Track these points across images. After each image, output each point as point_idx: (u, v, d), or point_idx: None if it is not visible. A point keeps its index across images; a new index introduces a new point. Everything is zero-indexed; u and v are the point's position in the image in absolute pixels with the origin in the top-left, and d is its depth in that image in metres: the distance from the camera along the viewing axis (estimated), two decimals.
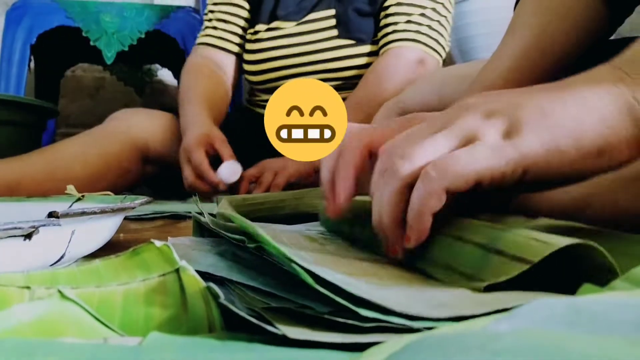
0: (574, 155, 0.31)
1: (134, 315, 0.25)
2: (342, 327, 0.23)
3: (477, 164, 0.31)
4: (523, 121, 0.32)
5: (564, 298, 0.19)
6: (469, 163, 0.31)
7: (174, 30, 1.73)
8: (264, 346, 0.22)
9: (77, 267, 0.29)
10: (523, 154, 0.31)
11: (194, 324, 0.24)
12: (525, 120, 0.32)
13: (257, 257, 0.36)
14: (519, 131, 0.32)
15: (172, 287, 0.25)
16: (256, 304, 0.26)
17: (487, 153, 0.31)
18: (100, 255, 0.33)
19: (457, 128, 0.33)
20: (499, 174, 0.31)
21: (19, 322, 0.22)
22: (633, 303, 0.18)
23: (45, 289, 0.25)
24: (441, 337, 0.17)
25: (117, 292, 0.26)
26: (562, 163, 0.32)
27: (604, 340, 0.15)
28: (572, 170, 0.32)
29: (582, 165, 0.32)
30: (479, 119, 0.33)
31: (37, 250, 0.39)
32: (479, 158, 0.31)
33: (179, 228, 0.73)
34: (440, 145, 0.33)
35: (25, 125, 1.33)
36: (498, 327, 0.18)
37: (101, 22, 1.66)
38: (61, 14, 1.63)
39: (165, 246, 0.28)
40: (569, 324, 0.18)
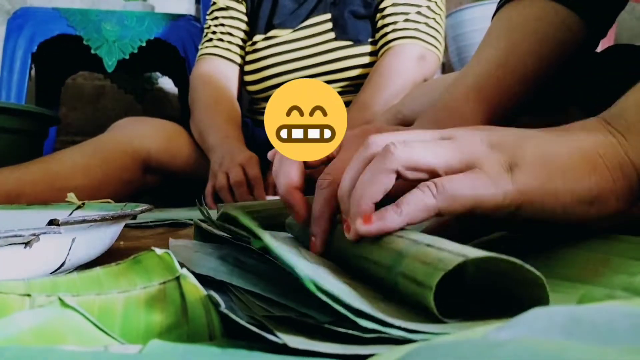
0: (568, 199, 0.32)
1: (135, 323, 0.25)
2: (342, 337, 0.23)
3: (477, 190, 0.32)
4: (525, 159, 0.33)
5: (564, 307, 0.19)
6: (470, 188, 0.32)
7: (175, 39, 1.74)
8: (263, 354, 0.22)
9: (78, 275, 0.29)
10: (520, 190, 0.32)
11: (194, 332, 0.24)
12: (527, 158, 0.33)
13: (259, 261, 0.36)
14: (520, 167, 0.32)
15: (173, 294, 0.25)
16: (257, 311, 0.26)
17: (488, 182, 0.32)
18: (101, 263, 0.33)
19: (463, 147, 0.34)
20: (494, 204, 0.32)
21: (19, 330, 0.22)
22: (633, 312, 0.18)
23: (45, 296, 0.25)
24: (440, 345, 0.17)
25: (117, 299, 0.26)
26: (556, 205, 0.32)
27: (604, 349, 0.15)
28: (564, 215, 0.33)
29: (573, 210, 0.33)
30: (485, 147, 0.34)
31: (37, 258, 0.39)
32: (479, 185, 0.32)
33: (180, 235, 0.73)
34: (441, 153, 0.33)
35: (27, 133, 1.33)
36: (498, 335, 0.18)
37: (102, 31, 1.66)
38: (62, 23, 1.64)
39: (166, 254, 0.28)
40: (569, 333, 0.18)
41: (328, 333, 0.23)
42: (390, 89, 1.10)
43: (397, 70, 1.14)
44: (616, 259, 0.31)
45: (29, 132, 1.34)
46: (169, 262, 0.27)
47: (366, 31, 1.22)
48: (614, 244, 0.33)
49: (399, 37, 1.18)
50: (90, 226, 0.42)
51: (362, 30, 1.22)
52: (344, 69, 1.22)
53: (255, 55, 1.28)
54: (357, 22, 1.22)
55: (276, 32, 1.26)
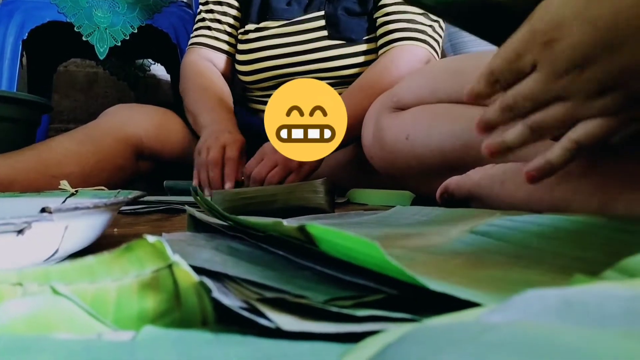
0: None
1: (128, 311, 0.25)
2: (336, 319, 0.23)
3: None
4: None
5: (556, 290, 0.19)
6: None
7: (167, 25, 1.73)
8: (257, 339, 0.22)
9: (70, 264, 0.29)
10: None
11: (187, 318, 0.24)
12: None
13: (253, 248, 0.36)
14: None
15: (166, 282, 0.25)
16: (251, 295, 0.26)
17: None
18: (94, 250, 0.33)
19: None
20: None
21: (11, 319, 0.22)
22: (623, 295, 0.18)
23: (38, 285, 0.25)
24: (435, 328, 0.17)
25: (110, 288, 0.26)
26: None
27: (596, 332, 0.15)
28: None
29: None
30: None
31: (30, 246, 0.38)
32: None
33: (173, 222, 0.73)
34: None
35: (19, 121, 1.32)
36: (490, 318, 0.18)
37: (93, 17, 1.65)
38: (53, 9, 1.63)
39: (158, 242, 0.28)
40: (561, 316, 0.18)
41: (323, 315, 0.23)
42: (390, 77, 1.08)
43: (401, 64, 1.12)
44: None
45: (21, 120, 1.33)
46: (161, 249, 0.27)
47: (361, 29, 1.20)
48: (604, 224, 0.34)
49: (406, 37, 1.16)
50: (83, 214, 0.42)
51: (356, 29, 1.20)
52: (337, 67, 1.21)
53: (248, 46, 1.27)
54: (351, 20, 1.20)
55: (268, 23, 1.25)
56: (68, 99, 2.38)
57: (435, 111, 0.80)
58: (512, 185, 0.54)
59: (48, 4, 1.63)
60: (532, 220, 0.39)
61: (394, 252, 0.31)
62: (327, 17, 1.21)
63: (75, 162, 1.12)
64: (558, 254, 0.32)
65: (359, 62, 1.20)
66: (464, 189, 0.60)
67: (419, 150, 0.81)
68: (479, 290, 0.24)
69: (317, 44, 1.21)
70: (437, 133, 0.78)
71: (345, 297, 0.24)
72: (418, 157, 0.81)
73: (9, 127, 1.29)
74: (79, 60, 2.34)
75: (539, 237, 0.36)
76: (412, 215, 0.55)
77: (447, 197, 0.62)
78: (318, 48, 1.21)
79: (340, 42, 1.20)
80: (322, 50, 1.20)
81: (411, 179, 0.87)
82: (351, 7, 1.21)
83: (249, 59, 1.27)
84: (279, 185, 0.83)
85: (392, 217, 0.56)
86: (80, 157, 1.13)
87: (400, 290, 0.24)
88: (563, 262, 0.30)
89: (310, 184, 0.72)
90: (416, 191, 0.89)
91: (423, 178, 0.83)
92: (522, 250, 0.34)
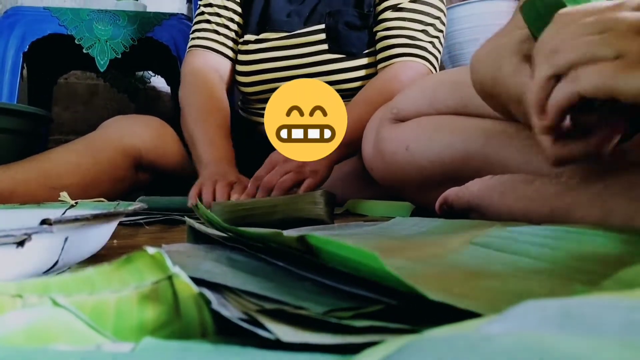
0: None
1: (127, 323, 0.25)
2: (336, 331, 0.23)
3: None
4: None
5: (555, 300, 0.19)
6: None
7: (167, 38, 1.74)
8: (257, 350, 0.22)
9: (70, 275, 0.29)
10: None
11: (187, 330, 0.24)
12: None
13: (252, 259, 0.36)
14: None
15: (165, 293, 0.25)
16: (251, 307, 0.26)
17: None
18: (94, 262, 0.33)
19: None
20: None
21: (11, 330, 0.22)
22: (622, 305, 0.18)
23: (37, 297, 0.25)
24: (435, 339, 0.17)
25: (110, 299, 0.26)
26: None
27: (594, 343, 0.15)
28: None
29: None
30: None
31: (29, 258, 0.38)
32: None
33: (173, 233, 0.73)
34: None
35: (19, 133, 1.33)
36: (490, 329, 0.18)
37: (94, 30, 1.66)
38: (54, 22, 1.63)
39: (158, 253, 0.28)
40: (560, 326, 0.18)
41: (322, 326, 0.23)
42: (394, 91, 1.06)
43: (403, 79, 1.12)
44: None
45: (21, 131, 1.33)
46: (161, 261, 0.27)
47: (361, 43, 1.20)
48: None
49: (407, 53, 1.16)
50: (83, 225, 0.42)
51: (356, 43, 1.20)
52: (337, 81, 1.20)
53: (247, 57, 1.26)
54: (352, 34, 1.20)
55: (268, 35, 1.24)
56: (68, 111, 2.39)
57: (435, 123, 0.81)
58: (511, 196, 0.54)
59: (49, 16, 1.64)
60: (531, 231, 0.39)
61: (394, 262, 0.31)
62: (328, 30, 1.20)
63: (75, 173, 1.12)
64: (557, 264, 0.32)
65: (359, 76, 1.20)
66: (463, 200, 0.60)
67: (419, 161, 0.81)
68: (478, 300, 0.24)
69: (318, 58, 1.20)
70: (436, 144, 0.78)
71: (345, 308, 0.24)
72: (418, 168, 0.81)
73: (9, 138, 1.30)
74: (80, 72, 2.35)
75: (538, 247, 0.36)
76: (411, 226, 0.55)
77: (446, 208, 0.62)
78: (318, 62, 1.20)
79: (340, 55, 1.20)
80: (322, 63, 1.20)
81: (411, 190, 0.87)
82: (352, 20, 1.20)
83: (248, 70, 1.26)
84: (279, 197, 0.83)
85: (392, 228, 0.57)
86: (80, 168, 1.13)
87: (400, 301, 0.24)
88: (562, 273, 0.30)
89: (309, 195, 0.72)
90: (416, 202, 0.89)
91: (423, 189, 0.83)
92: (521, 261, 0.34)
